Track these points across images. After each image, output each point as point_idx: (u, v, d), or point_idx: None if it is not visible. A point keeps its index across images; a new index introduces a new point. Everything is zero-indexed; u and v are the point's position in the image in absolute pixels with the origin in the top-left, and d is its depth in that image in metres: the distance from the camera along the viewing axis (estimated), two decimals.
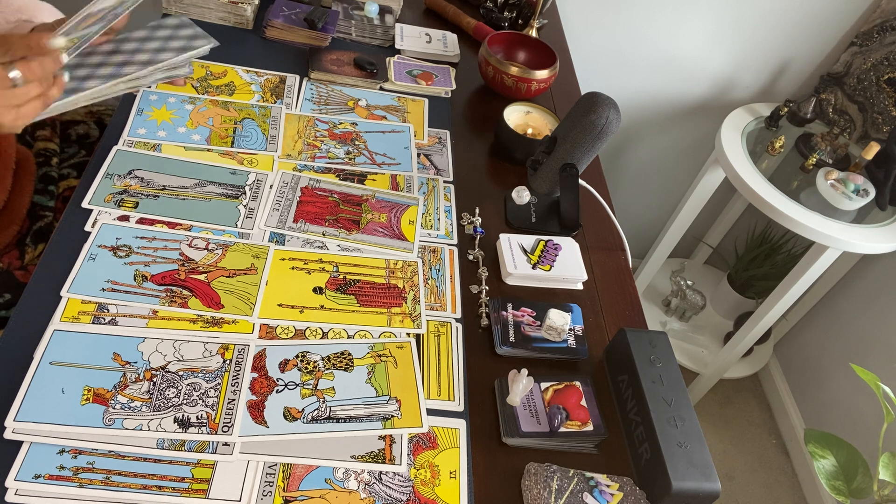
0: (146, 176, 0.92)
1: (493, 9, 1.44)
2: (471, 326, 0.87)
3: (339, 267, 0.89)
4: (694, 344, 2.01)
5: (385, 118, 1.13)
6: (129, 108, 1.00)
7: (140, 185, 0.90)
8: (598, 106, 0.94)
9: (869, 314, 1.77)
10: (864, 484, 1.33)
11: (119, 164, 0.92)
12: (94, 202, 0.87)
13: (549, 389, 0.80)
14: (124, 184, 0.90)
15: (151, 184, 0.91)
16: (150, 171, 0.92)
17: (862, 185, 1.48)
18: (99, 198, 0.87)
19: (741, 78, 1.80)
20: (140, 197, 0.89)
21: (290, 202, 0.95)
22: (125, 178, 0.91)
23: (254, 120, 1.05)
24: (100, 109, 1.15)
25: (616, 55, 1.75)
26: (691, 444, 0.73)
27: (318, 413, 0.73)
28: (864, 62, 1.63)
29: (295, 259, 0.88)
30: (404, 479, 0.70)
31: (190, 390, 0.72)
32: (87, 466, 0.65)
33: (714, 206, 2.06)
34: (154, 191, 0.90)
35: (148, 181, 0.91)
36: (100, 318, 0.76)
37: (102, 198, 0.88)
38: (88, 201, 0.87)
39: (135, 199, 0.88)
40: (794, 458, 1.96)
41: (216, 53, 1.14)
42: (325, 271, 0.88)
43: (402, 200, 0.99)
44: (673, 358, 0.82)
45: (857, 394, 1.75)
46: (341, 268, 0.89)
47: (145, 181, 0.91)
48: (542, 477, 0.71)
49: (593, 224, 1.08)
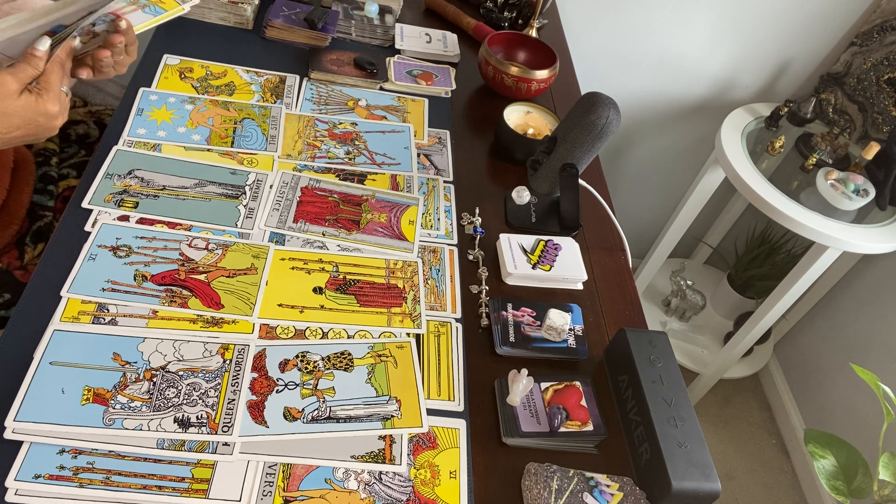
0: (146, 176, 0.92)
1: (493, 9, 1.44)
2: (471, 326, 0.87)
3: (339, 267, 0.89)
4: (694, 344, 2.01)
5: (385, 118, 1.13)
6: (129, 109, 1.00)
7: (140, 185, 0.90)
8: (598, 106, 0.94)
9: (869, 314, 1.77)
10: (864, 484, 1.33)
11: (119, 164, 0.92)
12: (94, 202, 0.87)
13: (549, 389, 0.80)
14: (124, 184, 0.90)
15: (151, 184, 0.91)
16: (150, 171, 0.92)
17: (862, 185, 1.48)
18: (99, 198, 0.87)
19: (741, 78, 1.80)
20: (140, 197, 0.89)
21: (290, 202, 0.95)
22: (125, 178, 0.91)
23: (254, 120, 1.05)
24: (99, 109, 1.15)
25: (616, 55, 1.75)
26: (691, 444, 0.73)
27: (318, 413, 0.73)
28: (864, 62, 1.63)
29: (295, 259, 0.88)
30: (404, 479, 0.70)
31: (190, 390, 0.72)
32: (87, 466, 0.65)
33: (714, 206, 2.06)
34: (154, 191, 0.90)
35: (148, 181, 0.91)
36: (100, 318, 0.76)
37: (102, 198, 0.88)
38: (88, 201, 0.87)
39: (135, 199, 0.88)
40: (794, 458, 1.96)
41: (216, 53, 1.14)
42: (325, 271, 0.88)
43: (402, 200, 0.99)
44: (673, 358, 0.82)
45: (857, 394, 1.75)
46: (341, 268, 0.89)
47: (145, 181, 0.91)
48: (542, 477, 0.71)
49: (593, 224, 1.08)
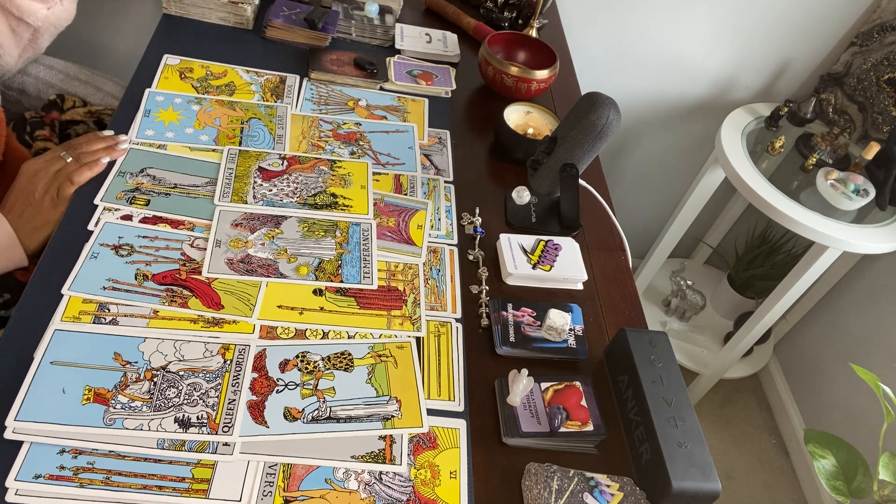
0: (157, 174, 0.92)
1: (493, 9, 1.44)
2: (471, 326, 0.87)
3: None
4: (694, 344, 2.01)
5: (385, 118, 1.14)
6: (132, 109, 1.00)
7: (151, 184, 0.91)
8: (598, 106, 0.94)
9: (869, 314, 1.77)
10: (864, 484, 1.33)
11: (132, 161, 0.93)
12: (107, 199, 0.88)
13: (549, 389, 0.80)
14: (136, 181, 0.91)
15: (163, 182, 0.92)
16: (161, 170, 0.93)
17: (862, 185, 1.48)
18: (111, 195, 0.88)
19: (741, 78, 1.81)
20: (151, 195, 0.89)
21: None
22: (137, 176, 0.92)
23: (260, 119, 1.05)
24: (99, 109, 1.15)
25: (616, 55, 1.75)
26: (691, 444, 0.73)
27: (318, 413, 0.73)
28: (864, 62, 1.63)
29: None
30: (404, 479, 0.71)
31: (190, 390, 0.72)
32: (88, 466, 0.65)
33: (714, 206, 2.06)
34: (165, 189, 0.91)
35: (160, 179, 0.92)
36: (101, 317, 0.76)
37: (115, 195, 0.88)
38: (101, 198, 0.88)
39: (146, 197, 0.89)
40: (794, 458, 1.96)
41: (216, 53, 1.14)
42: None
43: (410, 205, 0.99)
44: (673, 358, 0.82)
45: (857, 394, 1.75)
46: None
47: (157, 179, 0.92)
48: (542, 477, 0.71)
49: (593, 224, 1.08)
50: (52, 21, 1.01)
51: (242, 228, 0.88)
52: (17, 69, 1.09)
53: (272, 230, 0.89)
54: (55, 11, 1.01)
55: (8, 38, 1.00)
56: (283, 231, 0.90)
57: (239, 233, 0.87)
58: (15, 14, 0.97)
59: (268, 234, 0.88)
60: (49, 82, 1.16)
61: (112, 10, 1.63)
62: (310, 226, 0.91)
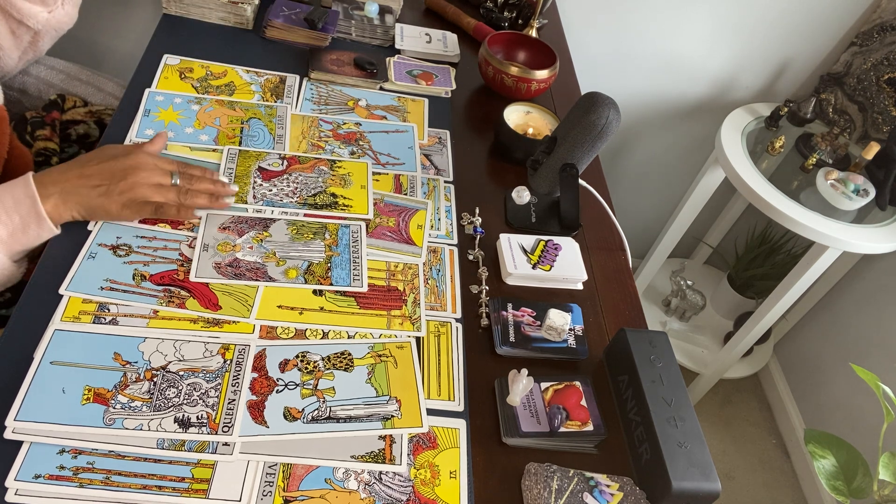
0: None
1: (493, 9, 1.44)
2: (471, 326, 0.87)
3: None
4: (694, 344, 2.01)
5: (385, 118, 1.14)
6: (132, 109, 1.00)
7: None
8: (598, 106, 0.94)
9: (869, 314, 1.77)
10: (864, 484, 1.33)
11: None
12: None
13: (549, 389, 0.80)
14: None
15: None
16: None
17: (862, 185, 1.48)
18: None
19: (741, 78, 1.81)
20: None
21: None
22: None
23: (260, 119, 1.05)
24: (100, 109, 1.15)
25: (616, 55, 1.75)
26: (691, 444, 0.73)
27: (318, 413, 0.73)
28: (864, 62, 1.63)
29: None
30: (404, 479, 0.71)
31: (190, 390, 0.72)
32: (88, 466, 0.65)
33: (714, 206, 2.06)
34: None
35: None
36: (100, 317, 0.76)
37: None
38: None
39: None
40: (794, 458, 1.96)
41: (216, 53, 1.14)
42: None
43: (410, 205, 0.99)
44: (673, 358, 0.82)
45: (857, 394, 1.75)
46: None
47: None
48: (542, 477, 0.71)
49: (593, 224, 1.08)
50: (52, 24, 1.01)
51: (230, 232, 0.88)
52: (17, 71, 1.09)
53: (260, 233, 0.89)
54: (56, 15, 1.01)
55: (8, 40, 1.00)
56: (272, 234, 0.89)
57: (227, 236, 0.87)
58: (15, 17, 0.97)
59: (256, 238, 0.88)
60: (50, 82, 1.16)
61: (112, 11, 1.63)
62: (298, 228, 0.91)
